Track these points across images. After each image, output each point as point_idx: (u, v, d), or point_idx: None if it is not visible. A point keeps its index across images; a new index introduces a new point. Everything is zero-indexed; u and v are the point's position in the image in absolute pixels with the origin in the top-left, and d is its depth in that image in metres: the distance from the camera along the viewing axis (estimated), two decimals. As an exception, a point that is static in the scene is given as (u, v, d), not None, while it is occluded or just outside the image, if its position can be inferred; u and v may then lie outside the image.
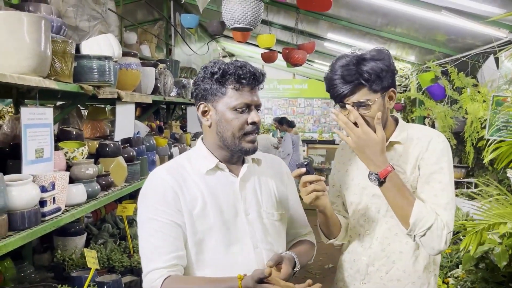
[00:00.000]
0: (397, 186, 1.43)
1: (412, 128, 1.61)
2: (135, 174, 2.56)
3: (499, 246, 2.27)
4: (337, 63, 1.47)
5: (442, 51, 4.30)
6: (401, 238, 1.52)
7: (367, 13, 4.33)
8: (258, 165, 1.49)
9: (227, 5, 3.11)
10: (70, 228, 2.44)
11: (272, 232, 1.43)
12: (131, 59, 2.62)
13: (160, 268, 1.27)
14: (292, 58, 5.08)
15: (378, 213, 1.56)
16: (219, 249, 1.35)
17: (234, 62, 1.38)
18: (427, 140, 1.52)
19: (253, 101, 1.36)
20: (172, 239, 1.31)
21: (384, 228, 1.55)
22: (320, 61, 8.03)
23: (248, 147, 1.37)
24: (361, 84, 1.43)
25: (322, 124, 11.14)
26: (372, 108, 1.44)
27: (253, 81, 1.36)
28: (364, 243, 1.59)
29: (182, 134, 4.05)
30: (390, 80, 1.47)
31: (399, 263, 1.53)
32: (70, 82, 1.91)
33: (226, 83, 1.35)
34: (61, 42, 1.84)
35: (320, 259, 4.72)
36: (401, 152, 1.54)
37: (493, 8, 2.91)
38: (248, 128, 1.36)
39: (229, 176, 1.41)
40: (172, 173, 1.38)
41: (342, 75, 1.43)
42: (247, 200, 1.41)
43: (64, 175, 1.79)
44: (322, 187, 1.40)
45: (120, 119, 2.66)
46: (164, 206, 1.33)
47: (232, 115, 1.34)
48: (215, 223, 1.35)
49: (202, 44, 6.77)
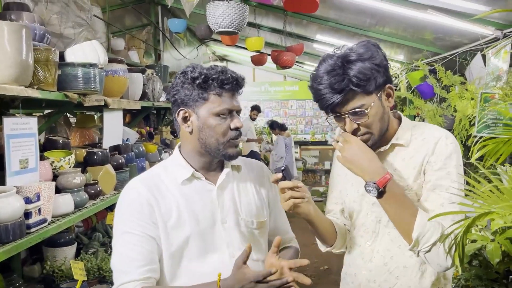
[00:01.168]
0: (398, 196, 1.30)
1: (418, 127, 1.44)
2: (125, 182, 2.52)
3: (491, 243, 2.27)
4: (321, 68, 1.32)
5: (430, 49, 4.32)
6: (404, 251, 1.36)
7: (355, 14, 4.34)
8: (238, 172, 1.46)
9: (212, 9, 3.10)
10: (59, 238, 2.41)
11: (251, 240, 1.39)
12: (117, 65, 2.60)
13: (134, 280, 1.25)
14: (281, 60, 5.08)
15: (379, 223, 1.42)
16: (195, 259, 1.32)
17: (214, 67, 1.36)
18: (434, 141, 1.35)
19: (235, 106, 1.35)
20: (147, 252, 1.28)
21: (386, 240, 1.41)
22: (310, 63, 8.04)
23: (232, 152, 1.35)
24: (353, 90, 1.28)
25: (315, 125, 11.16)
26: (369, 114, 1.30)
27: (235, 86, 1.34)
28: (365, 256, 1.45)
29: (173, 139, 4.02)
30: (384, 76, 1.31)
31: (402, 279, 1.38)
32: (54, 90, 1.88)
33: (209, 88, 1.32)
34: (43, 50, 1.82)
35: (315, 260, 4.70)
36: (404, 155, 1.38)
37: (478, 5, 2.92)
38: (231, 134, 1.34)
39: (206, 185, 1.38)
40: (148, 184, 1.35)
41: (330, 83, 1.28)
42: (224, 208, 1.38)
43: (50, 185, 1.76)
44: (301, 194, 1.32)
45: (108, 126, 2.63)
46: (139, 219, 1.30)
47: (215, 121, 1.33)
48: (191, 233, 1.32)
49: (192, 49, 6.76)
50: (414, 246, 1.28)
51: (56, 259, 2.35)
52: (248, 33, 5.49)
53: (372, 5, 3.54)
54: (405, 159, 1.38)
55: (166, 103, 3.73)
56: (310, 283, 1.23)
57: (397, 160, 1.39)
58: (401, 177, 1.37)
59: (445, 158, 1.32)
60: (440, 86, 3.53)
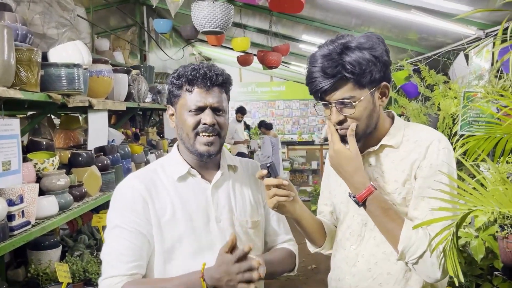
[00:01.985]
0: (381, 208, 1.24)
1: (410, 128, 1.37)
2: (110, 183, 2.52)
3: (475, 240, 2.30)
4: (319, 51, 1.25)
5: (415, 49, 4.36)
6: (390, 257, 1.31)
7: (342, 14, 4.36)
8: (234, 172, 1.47)
9: (197, 9, 3.10)
10: (44, 241, 2.37)
11: (245, 240, 1.40)
12: (102, 66, 2.57)
13: (120, 275, 1.27)
14: (267, 61, 5.09)
15: (365, 226, 1.36)
16: (188, 257, 1.33)
17: (194, 65, 1.37)
18: (426, 145, 1.27)
19: (207, 102, 1.33)
20: (136, 248, 1.30)
21: (371, 244, 1.35)
22: (297, 63, 8.08)
23: (202, 150, 1.34)
24: (344, 78, 1.21)
25: (301, 125, 11.20)
26: (357, 107, 1.24)
27: (204, 81, 1.32)
28: (349, 260, 1.39)
29: (159, 140, 4.00)
30: (381, 72, 1.25)
31: (386, 286, 1.32)
32: (37, 91, 1.86)
33: (182, 85, 1.35)
34: (26, 51, 1.79)
35: (302, 260, 4.72)
36: (394, 157, 1.32)
37: (461, 6, 2.97)
38: (200, 129, 1.33)
39: (202, 183, 1.39)
40: (144, 180, 1.37)
41: (323, 67, 1.22)
42: (219, 207, 1.39)
43: (33, 187, 1.74)
44: (285, 192, 1.29)
45: (93, 128, 2.60)
46: (132, 215, 1.32)
47: (187, 116, 1.34)
48: (185, 230, 1.33)
49: (178, 49, 6.73)
50: (401, 258, 1.24)
51: (41, 262, 2.31)
52: (234, 33, 5.49)
53: (358, 5, 3.57)
54: (395, 161, 1.31)
55: (151, 104, 3.71)
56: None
57: (386, 161, 1.33)
58: (390, 180, 1.31)
59: (436, 164, 1.25)
60: (424, 85, 3.58)
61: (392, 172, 1.31)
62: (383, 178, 1.33)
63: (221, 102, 1.35)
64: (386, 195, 1.31)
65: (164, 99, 3.93)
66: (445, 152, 1.26)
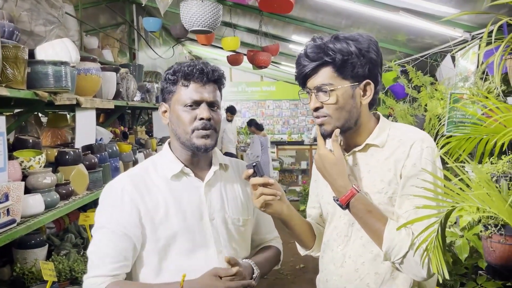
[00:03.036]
0: (364, 210, 1.27)
1: (395, 128, 1.38)
2: (97, 182, 2.50)
3: (460, 239, 2.34)
4: (312, 41, 1.31)
5: (403, 51, 4.40)
6: (376, 257, 1.31)
7: (331, 15, 4.38)
8: (225, 171, 1.48)
9: (185, 8, 3.10)
10: (29, 240, 2.35)
11: (237, 237, 1.42)
12: (90, 64, 2.56)
13: (104, 275, 1.28)
14: (257, 60, 5.10)
15: (352, 226, 1.36)
16: (182, 255, 1.34)
17: (188, 61, 1.38)
18: (409, 143, 1.29)
19: (203, 97, 1.34)
20: (121, 249, 1.31)
21: (358, 244, 1.35)
22: (287, 63, 8.09)
23: (199, 143, 1.34)
24: (325, 63, 1.26)
25: (291, 125, 11.23)
26: (331, 95, 1.26)
27: (200, 76, 1.34)
28: (336, 261, 1.39)
29: (148, 139, 3.99)
30: (364, 68, 1.27)
31: (373, 286, 1.32)
32: (23, 88, 1.84)
33: (177, 81, 1.35)
34: (12, 48, 1.78)
35: (291, 259, 4.73)
36: (379, 157, 1.33)
37: (448, 8, 3.00)
38: (197, 124, 1.34)
39: (195, 181, 1.40)
40: (134, 180, 1.37)
41: (308, 52, 1.27)
42: (212, 205, 1.40)
43: (19, 185, 1.72)
44: (272, 191, 1.30)
45: (81, 126, 2.59)
46: (119, 217, 1.32)
47: (182, 111, 1.34)
48: (179, 228, 1.34)
49: (168, 48, 6.70)
50: (386, 259, 1.26)
51: (27, 261, 2.29)
52: (224, 33, 5.49)
53: (347, 6, 3.59)
54: (380, 160, 1.33)
55: (140, 102, 3.70)
56: None
57: (372, 161, 1.34)
58: (376, 179, 1.32)
59: (420, 162, 1.26)
60: (411, 87, 3.62)
61: (378, 171, 1.32)
62: (369, 177, 1.34)
63: (216, 98, 1.37)
64: (373, 194, 1.31)
65: (153, 98, 3.92)
66: (428, 151, 1.28)
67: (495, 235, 2.10)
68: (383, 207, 1.30)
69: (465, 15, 2.80)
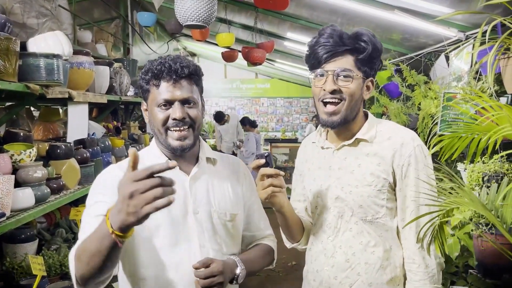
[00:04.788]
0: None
1: (382, 125, 1.45)
2: (89, 176, 2.48)
3: (451, 238, 2.35)
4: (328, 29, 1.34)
5: (398, 50, 4.42)
6: (366, 247, 1.38)
7: (327, 13, 4.38)
8: (214, 165, 1.47)
9: (180, 2, 3.07)
10: (19, 234, 2.33)
11: (223, 232, 1.40)
12: (83, 57, 2.53)
13: None
14: (251, 57, 5.09)
15: (341, 218, 1.41)
16: (165, 247, 1.33)
17: (161, 58, 1.36)
18: (399, 142, 1.37)
19: (174, 96, 1.31)
20: None
21: (347, 236, 1.40)
22: (282, 61, 8.09)
23: (174, 144, 1.33)
24: (353, 50, 1.31)
25: (285, 123, 11.24)
26: (353, 81, 1.31)
27: (169, 74, 1.30)
28: (327, 252, 1.43)
29: (141, 134, 3.97)
30: (376, 67, 1.37)
31: (364, 275, 1.38)
32: (14, 81, 1.82)
33: (150, 80, 1.34)
34: (4, 40, 1.75)
35: (283, 256, 4.74)
36: (368, 151, 1.39)
37: (442, 8, 3.01)
38: (170, 124, 1.32)
39: (179, 174, 1.38)
40: (123, 169, 1.35)
41: (340, 33, 1.31)
42: (197, 198, 1.38)
43: (8, 179, 1.70)
44: (280, 183, 1.31)
45: (73, 120, 2.56)
46: (108, 197, 1.28)
47: (157, 111, 1.33)
48: (163, 221, 1.32)
49: (162, 44, 6.67)
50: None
51: (16, 255, 2.28)
52: (218, 29, 5.47)
53: (343, 4, 3.60)
54: (370, 155, 1.38)
55: (134, 97, 3.68)
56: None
57: (361, 155, 1.39)
58: (366, 172, 1.37)
59: (414, 163, 1.34)
60: (405, 85, 3.62)
61: (368, 165, 1.38)
62: (359, 170, 1.39)
63: (191, 94, 1.33)
64: (363, 187, 1.38)
65: (146, 93, 3.89)
66: (419, 149, 1.36)
67: (486, 234, 2.11)
68: (371, 199, 1.37)
69: (459, 14, 2.81)
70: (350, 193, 1.39)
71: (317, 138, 1.52)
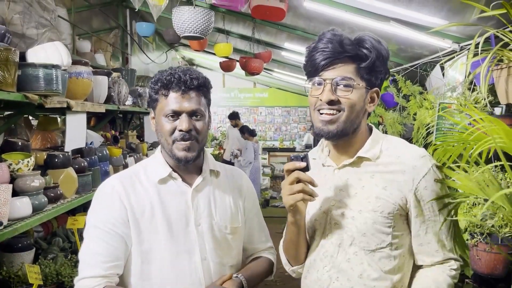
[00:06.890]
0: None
1: (388, 141, 1.30)
2: (87, 186, 2.49)
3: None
4: (328, 33, 1.20)
5: (394, 60, 4.46)
6: (366, 281, 1.22)
7: (323, 24, 4.42)
8: (216, 177, 1.47)
9: (178, 14, 3.11)
10: (16, 243, 2.33)
11: (223, 245, 1.41)
12: (81, 67, 2.56)
13: (96, 276, 1.26)
14: (249, 67, 5.13)
15: (339, 247, 1.26)
16: (166, 259, 1.33)
17: (171, 69, 1.38)
18: (411, 164, 1.21)
19: (182, 107, 1.32)
20: (112, 248, 1.30)
21: (345, 267, 1.25)
22: (279, 70, 8.13)
23: (180, 155, 1.34)
24: (354, 57, 1.18)
25: (283, 132, 11.26)
26: (354, 91, 1.17)
27: (178, 85, 1.32)
28: (322, 283, 1.28)
29: (139, 143, 3.98)
30: (381, 76, 1.23)
31: None
32: (13, 91, 1.84)
33: (159, 90, 1.35)
34: (3, 50, 1.77)
35: (280, 265, 4.72)
36: (373, 171, 1.24)
37: (437, 19, 3.05)
38: (176, 136, 1.33)
39: (182, 186, 1.39)
40: (124, 182, 1.38)
41: (340, 39, 1.17)
42: (198, 210, 1.39)
43: (6, 188, 1.71)
44: (312, 191, 1.18)
45: (71, 129, 2.57)
46: (109, 215, 1.32)
47: (163, 122, 1.34)
48: (163, 233, 1.33)
49: (161, 53, 6.71)
50: None
51: (13, 264, 2.27)
52: (217, 39, 5.51)
53: (339, 15, 3.63)
54: (375, 176, 1.23)
55: (132, 107, 3.70)
56: None
57: (365, 176, 1.25)
58: (371, 196, 1.22)
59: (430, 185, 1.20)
60: (400, 96, 3.66)
61: (373, 188, 1.23)
62: (363, 193, 1.24)
63: (198, 106, 1.34)
64: (368, 212, 1.22)
65: (145, 103, 3.92)
66: (434, 168, 1.22)
67: (481, 243, 2.12)
68: (377, 226, 1.22)
69: (454, 26, 2.85)
70: (353, 219, 1.24)
71: (318, 154, 1.38)
